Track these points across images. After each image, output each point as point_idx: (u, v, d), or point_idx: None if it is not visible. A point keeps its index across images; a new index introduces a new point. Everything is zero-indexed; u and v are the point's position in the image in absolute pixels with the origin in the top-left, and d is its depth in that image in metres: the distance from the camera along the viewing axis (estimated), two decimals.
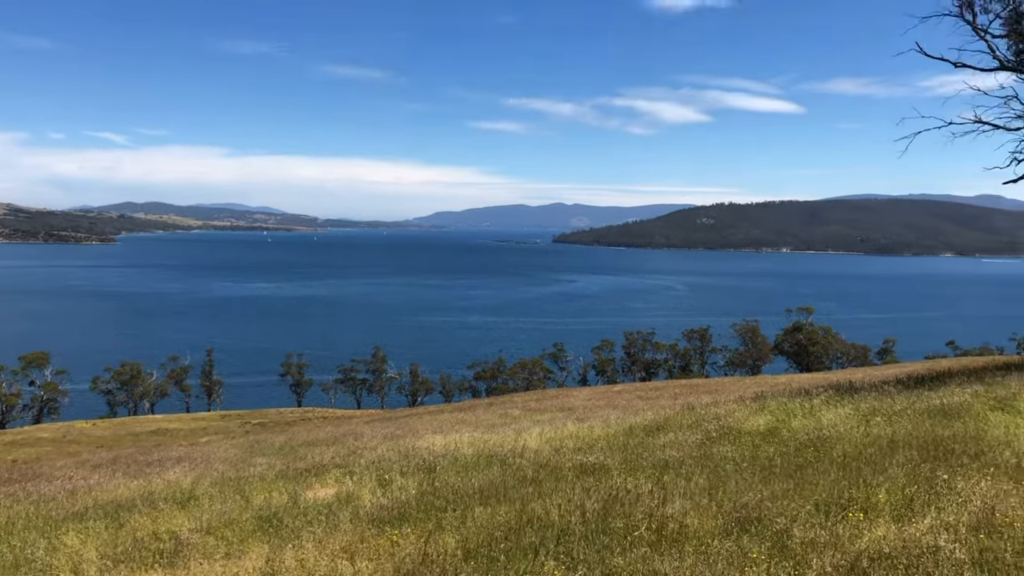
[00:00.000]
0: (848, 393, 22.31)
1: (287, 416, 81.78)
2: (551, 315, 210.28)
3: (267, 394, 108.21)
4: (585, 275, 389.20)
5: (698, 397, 39.05)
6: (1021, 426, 15.43)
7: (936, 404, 17.40)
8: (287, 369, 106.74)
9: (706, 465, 13.45)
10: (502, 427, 29.59)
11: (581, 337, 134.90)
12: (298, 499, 14.15)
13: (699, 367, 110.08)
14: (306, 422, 70.25)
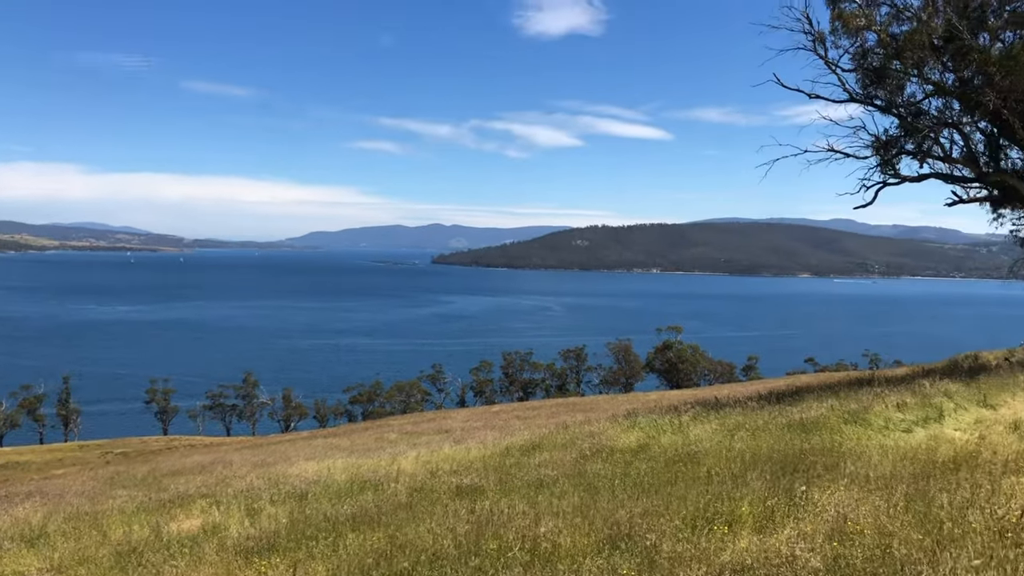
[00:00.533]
0: (714, 409, 23.11)
1: (151, 445, 78.01)
2: (429, 336, 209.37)
3: (130, 423, 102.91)
4: (464, 296, 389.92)
5: (573, 416, 39.64)
6: (872, 438, 16.35)
7: (795, 418, 18.23)
8: (152, 396, 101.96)
9: (580, 483, 13.61)
10: (378, 451, 29.13)
11: (459, 358, 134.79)
12: (161, 532, 13.46)
13: (575, 386, 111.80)
14: (172, 451, 67.17)
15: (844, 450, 14.13)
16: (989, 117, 29.88)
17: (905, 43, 29.33)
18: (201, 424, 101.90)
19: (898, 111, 31.75)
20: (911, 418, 17.84)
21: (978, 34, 28.83)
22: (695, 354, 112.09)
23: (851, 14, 30.25)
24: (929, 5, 29.02)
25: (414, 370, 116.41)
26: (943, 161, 32.02)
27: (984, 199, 33.56)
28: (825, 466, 12.35)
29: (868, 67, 31.69)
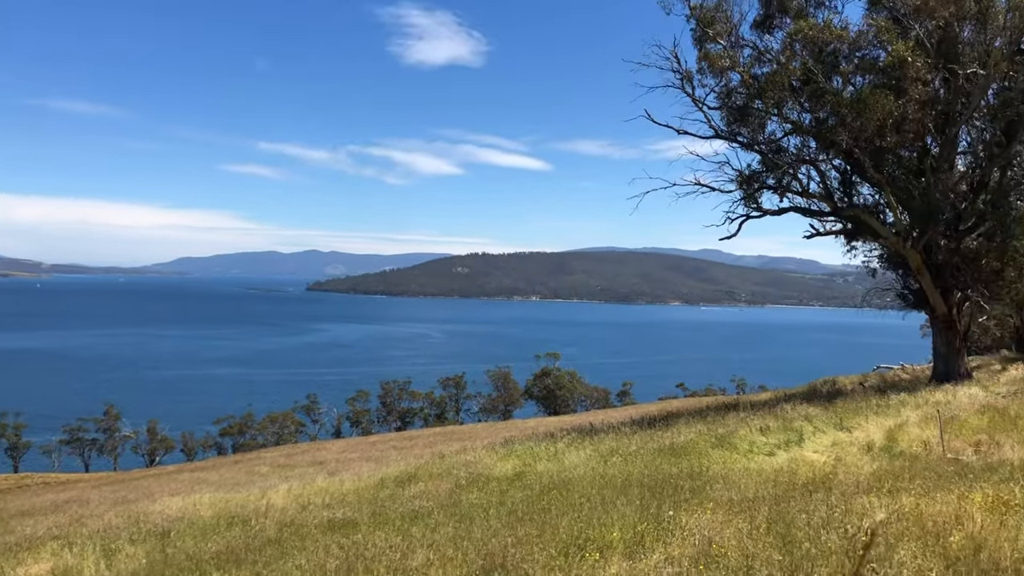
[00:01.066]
0: (590, 435, 23.47)
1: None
2: (303, 366, 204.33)
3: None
4: (340, 324, 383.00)
5: (451, 445, 39.45)
6: (737, 461, 16.96)
7: (666, 443, 18.73)
8: (1, 431, 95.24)
9: (454, 513, 13.50)
10: (248, 485, 28.16)
11: (336, 388, 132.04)
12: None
13: (454, 414, 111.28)
14: (23, 490, 62.86)
15: (711, 474, 14.59)
16: (842, 155, 31.82)
17: (766, 84, 30.93)
18: (57, 460, 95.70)
19: (760, 148, 33.39)
20: (774, 441, 18.61)
21: (832, 78, 30.72)
22: (573, 380, 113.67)
23: (716, 55, 31.70)
24: (788, 49, 30.75)
25: (288, 400, 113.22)
26: (801, 196, 33.85)
27: (839, 232, 35.63)
28: (693, 490, 12.71)
29: (732, 106, 33.25)
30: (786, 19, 32.14)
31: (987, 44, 29.88)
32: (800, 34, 29.85)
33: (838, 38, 29.95)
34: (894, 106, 27.70)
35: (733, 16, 32.46)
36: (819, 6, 32.39)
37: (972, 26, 30.66)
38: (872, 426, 20.02)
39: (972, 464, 14.33)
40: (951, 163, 32.31)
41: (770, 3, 32.21)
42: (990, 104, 32.27)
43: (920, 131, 30.40)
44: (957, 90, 30.64)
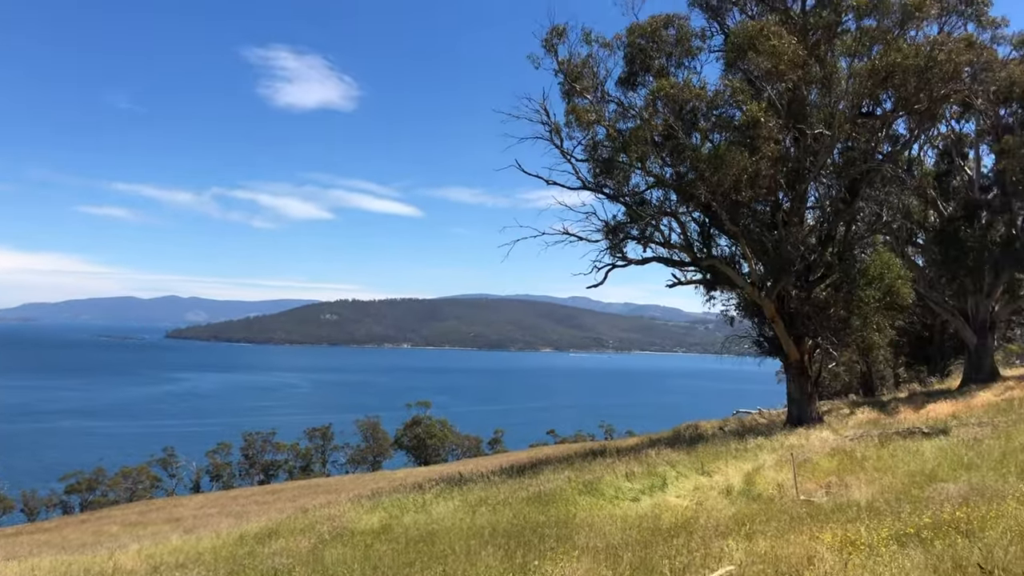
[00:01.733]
0: (459, 485, 23.18)
1: None
2: (161, 417, 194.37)
3: None
4: (201, 372, 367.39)
5: (316, 498, 38.21)
6: (604, 507, 17.07)
7: (534, 491, 18.67)
8: None
9: (316, 570, 12.97)
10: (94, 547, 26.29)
11: (195, 440, 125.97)
12: None
13: (321, 466, 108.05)
14: None
15: (578, 521, 14.60)
16: (702, 208, 33.23)
17: (630, 139, 32.07)
18: None
19: (625, 199, 34.48)
20: (639, 487, 18.87)
21: (691, 134, 32.16)
22: (444, 429, 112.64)
23: (583, 109, 32.68)
24: (650, 106, 32.03)
25: (143, 454, 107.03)
26: (664, 246, 35.05)
27: (699, 281, 37.06)
28: (559, 538, 12.66)
29: (599, 158, 34.28)
30: (648, 77, 33.52)
31: (832, 107, 32.05)
32: (662, 92, 31.18)
33: (697, 97, 31.45)
34: (748, 162, 29.18)
35: (599, 72, 33.65)
36: (679, 66, 33.93)
37: (818, 90, 32.88)
38: (731, 470, 20.63)
39: (823, 505, 14.92)
40: (801, 217, 34.27)
41: (634, 62, 33.53)
42: (836, 162, 34.54)
43: (772, 186, 32.12)
44: (806, 149, 32.66)
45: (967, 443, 19.21)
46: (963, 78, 32.63)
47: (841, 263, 33.48)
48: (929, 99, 31.94)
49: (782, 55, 29.41)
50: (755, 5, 34.82)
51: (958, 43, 32.08)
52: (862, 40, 32.08)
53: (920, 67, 30.30)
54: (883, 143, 36.44)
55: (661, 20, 33.25)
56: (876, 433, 24.31)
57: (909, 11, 31.08)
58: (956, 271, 43.04)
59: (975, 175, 45.24)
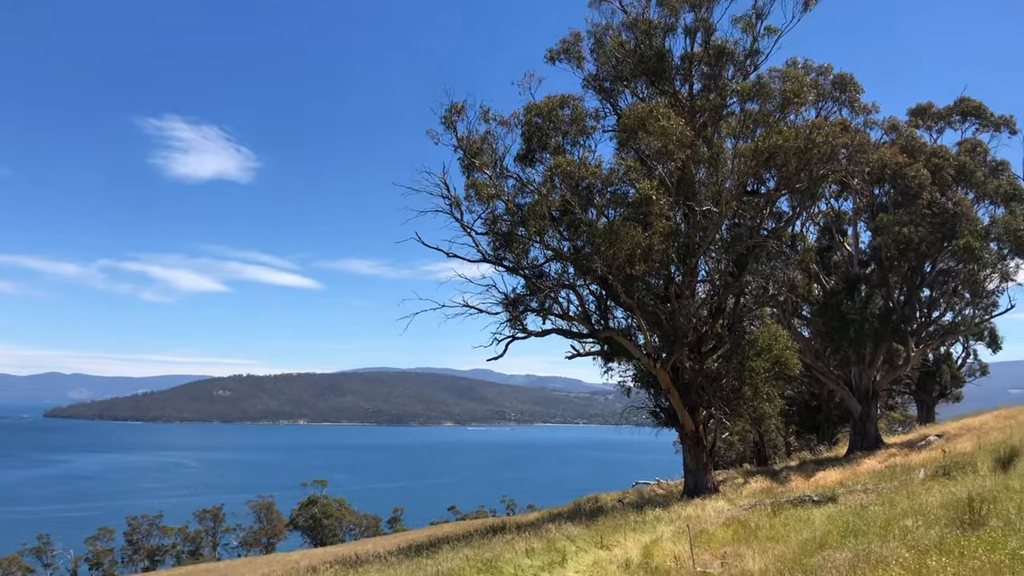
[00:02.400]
0: (354, 567, 22.44)
1: None
2: (36, 502, 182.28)
3: None
4: (83, 453, 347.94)
5: None
6: None
7: (432, 572, 18.21)
8: None
9: None
10: None
11: (74, 526, 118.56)
12: None
13: (211, 549, 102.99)
14: None
15: None
16: (598, 281, 33.92)
17: (529, 213, 32.63)
18: None
19: (524, 272, 34.89)
20: (538, 563, 18.63)
21: (588, 209, 32.98)
22: (341, 508, 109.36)
23: (483, 184, 33.20)
24: (548, 182, 32.78)
25: (14, 543, 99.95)
26: (562, 318, 35.48)
27: (597, 353, 37.56)
28: None
29: (498, 232, 34.70)
30: (546, 154, 34.36)
31: (719, 185, 33.49)
32: (559, 169, 31.99)
33: (592, 174, 32.37)
34: (642, 238, 30.05)
35: (498, 149, 34.34)
36: (575, 144, 34.94)
37: (706, 168, 34.38)
38: (630, 543, 20.62)
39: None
40: (693, 290, 35.36)
41: (531, 139, 34.37)
42: (724, 238, 35.96)
43: (665, 261, 33.09)
44: (696, 225, 33.91)
45: (854, 510, 19.77)
46: (839, 159, 34.68)
47: (731, 334, 34.56)
48: (809, 179, 33.76)
49: (671, 135, 30.66)
50: (645, 88, 36.38)
51: (834, 127, 34.21)
52: (746, 123, 33.82)
53: (800, 149, 32.08)
54: (768, 220, 38.26)
55: (557, 100, 34.30)
56: (769, 502, 24.80)
57: (788, 97, 33.02)
58: (839, 342, 44.94)
59: (854, 251, 47.73)
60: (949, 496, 17.69)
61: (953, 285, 46.04)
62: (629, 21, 35.70)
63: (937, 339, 49.85)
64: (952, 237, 41.69)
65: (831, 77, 39.42)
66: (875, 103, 44.66)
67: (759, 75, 34.78)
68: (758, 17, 34.89)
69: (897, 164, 41.30)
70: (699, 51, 35.29)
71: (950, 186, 42.81)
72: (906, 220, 41.48)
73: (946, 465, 25.01)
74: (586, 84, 36.81)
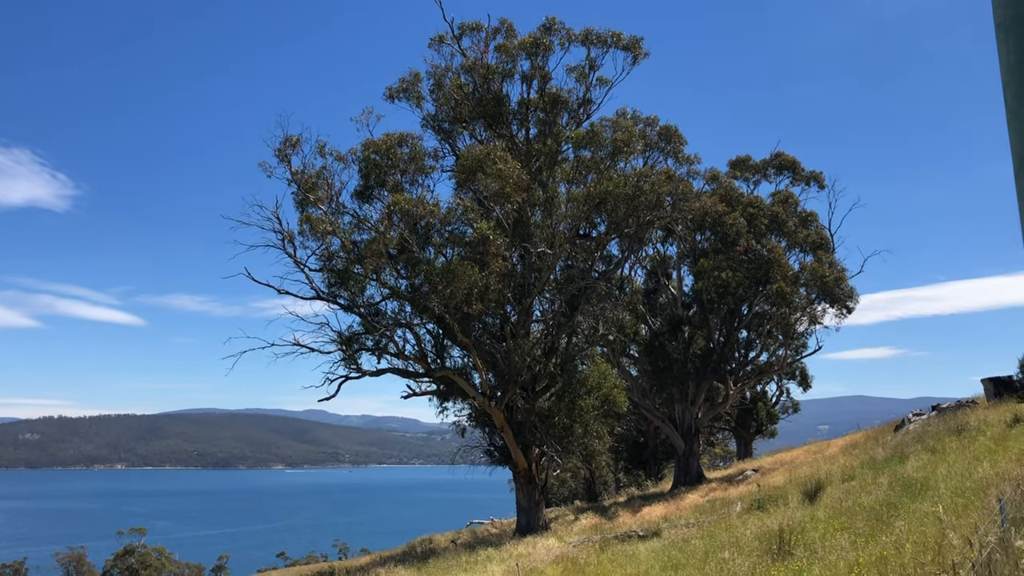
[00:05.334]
0: None
1: None
2: None
3: None
4: None
5: None
6: None
7: None
8: None
9: None
10: None
11: None
12: None
13: None
14: None
15: None
16: (435, 320, 33.91)
17: (366, 250, 32.33)
18: None
19: (360, 310, 34.43)
20: None
21: (426, 248, 33.06)
22: (161, 558, 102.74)
23: (318, 219, 32.61)
24: (386, 219, 32.64)
25: None
26: (399, 357, 35.20)
27: (433, 392, 37.43)
28: None
29: (333, 268, 34.13)
30: (384, 192, 34.26)
31: (553, 227, 34.45)
32: (397, 207, 31.93)
33: (431, 213, 32.54)
34: (479, 277, 30.40)
35: (335, 184, 33.94)
36: (414, 183, 35.06)
37: (541, 211, 35.28)
38: None
39: None
40: (527, 330, 35.99)
41: (369, 176, 34.20)
42: (558, 279, 36.91)
43: (501, 300, 33.59)
44: (531, 265, 34.67)
45: (676, 544, 20.52)
46: (665, 206, 36.54)
47: (563, 373, 35.39)
48: (637, 224, 35.36)
49: (508, 178, 31.33)
50: (483, 130, 37.08)
51: (660, 175, 36.06)
52: (579, 168, 35.07)
53: (629, 195, 33.57)
54: (599, 262, 39.69)
55: (395, 138, 34.36)
56: (597, 538, 25.34)
57: (619, 145, 34.54)
58: (664, 381, 46.89)
59: (678, 293, 50.14)
60: (762, 528, 18.68)
61: (767, 327, 49.10)
62: (468, 64, 36.38)
63: (754, 378, 52.95)
64: (766, 282, 44.56)
65: (658, 128, 41.58)
66: (698, 155, 47.36)
67: (592, 123, 36.23)
68: (591, 68, 36.41)
69: (717, 212, 43.93)
70: (535, 98, 36.36)
71: (765, 234, 45.82)
72: (725, 265, 44.00)
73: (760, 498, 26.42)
74: (425, 124, 37.12)
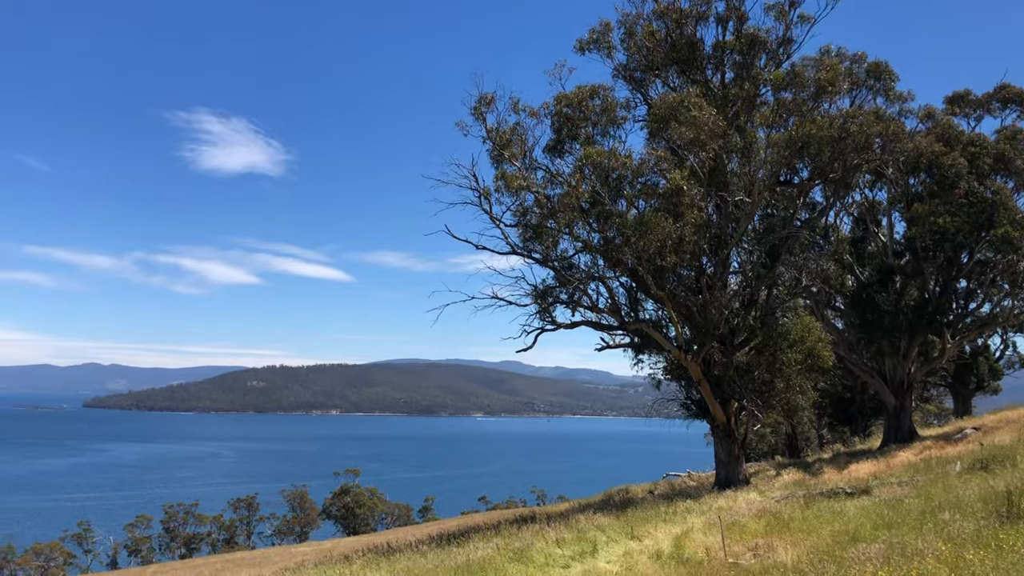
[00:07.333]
0: (386, 555, 22.63)
1: None
2: (77, 490, 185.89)
3: None
4: (121, 443, 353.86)
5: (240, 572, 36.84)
6: (533, 575, 16.83)
7: (463, 560, 18.31)
8: None
9: None
10: None
11: (113, 513, 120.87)
12: None
13: (246, 538, 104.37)
14: None
15: None
16: (628, 273, 33.74)
17: (558, 205, 32.57)
18: None
19: (553, 264, 34.82)
20: (569, 553, 18.68)
21: (618, 201, 32.82)
22: (373, 498, 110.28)
23: (512, 175, 33.12)
24: (578, 172, 32.66)
25: (56, 529, 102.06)
26: (592, 310, 35.39)
27: (627, 345, 37.44)
28: None
29: (527, 224, 34.65)
30: (575, 145, 34.22)
31: (751, 175, 33.17)
32: (589, 160, 31.83)
33: (622, 165, 32.20)
34: (673, 229, 29.87)
35: (527, 140, 34.22)
36: (605, 135, 34.75)
37: (738, 158, 34.04)
38: (661, 534, 20.60)
39: (750, 568, 14.98)
40: (724, 282, 35.08)
41: (561, 130, 34.26)
42: (756, 229, 35.64)
43: (696, 252, 32.88)
44: (728, 215, 33.65)
45: (888, 503, 19.58)
46: (874, 148, 34.23)
47: (763, 327, 34.28)
48: (843, 168, 33.37)
49: (703, 125, 30.43)
50: (676, 77, 36.10)
51: (868, 116, 33.75)
52: (779, 112, 33.46)
53: (834, 138, 31.71)
54: (801, 210, 37.81)
55: (587, 91, 34.12)
56: (801, 494, 24.63)
57: (823, 86, 32.63)
58: (873, 334, 44.42)
59: (888, 241, 47.10)
60: (987, 489, 17.47)
61: (991, 276, 45.24)
62: (660, 9, 35.40)
63: (974, 331, 49.05)
64: (990, 227, 40.96)
65: (865, 65, 38.84)
66: (911, 91, 43.96)
67: (792, 64, 34.39)
68: (791, 5, 34.44)
69: (933, 153, 40.64)
70: (731, 40, 34.93)
71: (988, 175, 42.02)
72: (942, 210, 40.84)
73: (984, 458, 24.68)
74: (616, 74, 36.58)
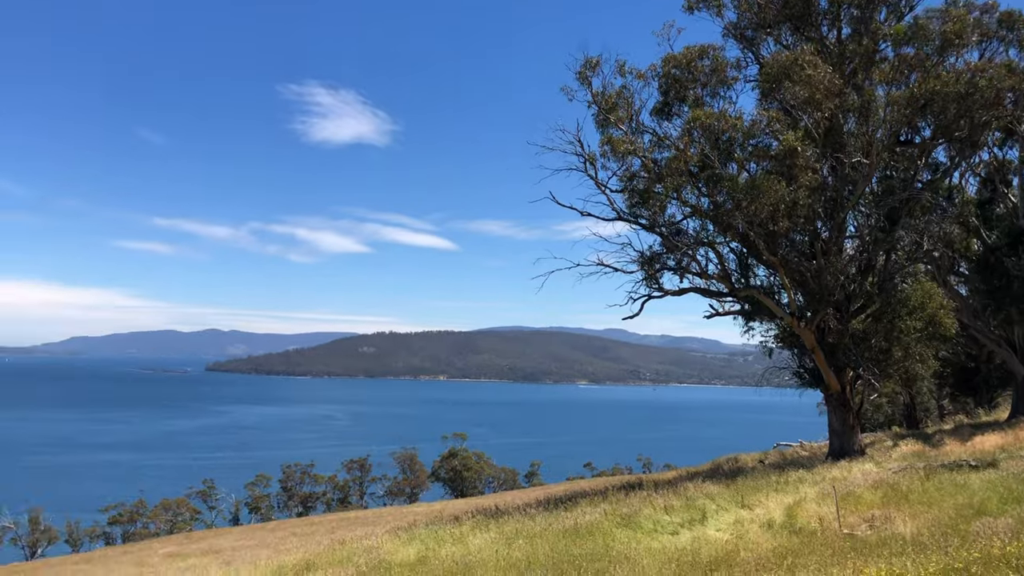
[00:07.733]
0: (495, 517, 23.04)
1: None
2: (201, 449, 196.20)
3: None
4: (241, 405, 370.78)
5: (353, 530, 38.16)
6: (641, 541, 16.84)
7: (571, 524, 18.50)
8: None
9: None
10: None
11: (235, 472, 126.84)
12: None
13: (359, 498, 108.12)
14: None
15: (615, 554, 14.42)
16: (739, 238, 32.98)
17: (666, 169, 32.06)
18: None
19: (660, 230, 34.36)
20: (677, 520, 18.60)
21: (728, 164, 32.03)
22: (480, 462, 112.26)
23: (618, 140, 32.69)
24: (686, 135, 31.98)
25: (182, 486, 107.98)
26: (700, 277, 34.82)
27: (737, 312, 36.68)
28: (597, 571, 12.51)
29: (634, 189, 34.24)
30: (684, 107, 33.52)
31: (869, 135, 31.78)
32: (697, 122, 31.09)
33: (733, 127, 31.33)
34: (786, 192, 28.99)
35: (634, 103, 33.69)
36: (714, 96, 33.90)
37: (855, 118, 32.62)
38: (772, 503, 20.26)
39: (867, 539, 14.58)
40: (840, 247, 33.88)
41: (668, 92, 33.59)
42: (874, 191, 34.20)
43: (810, 216, 31.84)
44: (844, 178, 32.37)
45: (1017, 476, 18.70)
46: (1005, 104, 32.26)
47: (881, 293, 32.99)
48: (970, 126, 31.59)
49: (818, 84, 29.31)
50: (789, 35, 34.80)
51: (999, 69, 31.74)
52: (900, 68, 31.87)
53: (960, 94, 30.00)
54: (922, 171, 36.02)
55: (696, 51, 33.30)
56: (921, 466, 23.76)
57: (949, 38, 30.89)
58: (1001, 301, 42.20)
59: (1019, 203, 44.45)
60: None
61: None
62: None
63: None
64: None
65: (997, 15, 36.48)
66: None
67: (915, 16, 32.67)
68: None
69: None
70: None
71: None
72: None
73: None
74: (726, 33, 35.50)
